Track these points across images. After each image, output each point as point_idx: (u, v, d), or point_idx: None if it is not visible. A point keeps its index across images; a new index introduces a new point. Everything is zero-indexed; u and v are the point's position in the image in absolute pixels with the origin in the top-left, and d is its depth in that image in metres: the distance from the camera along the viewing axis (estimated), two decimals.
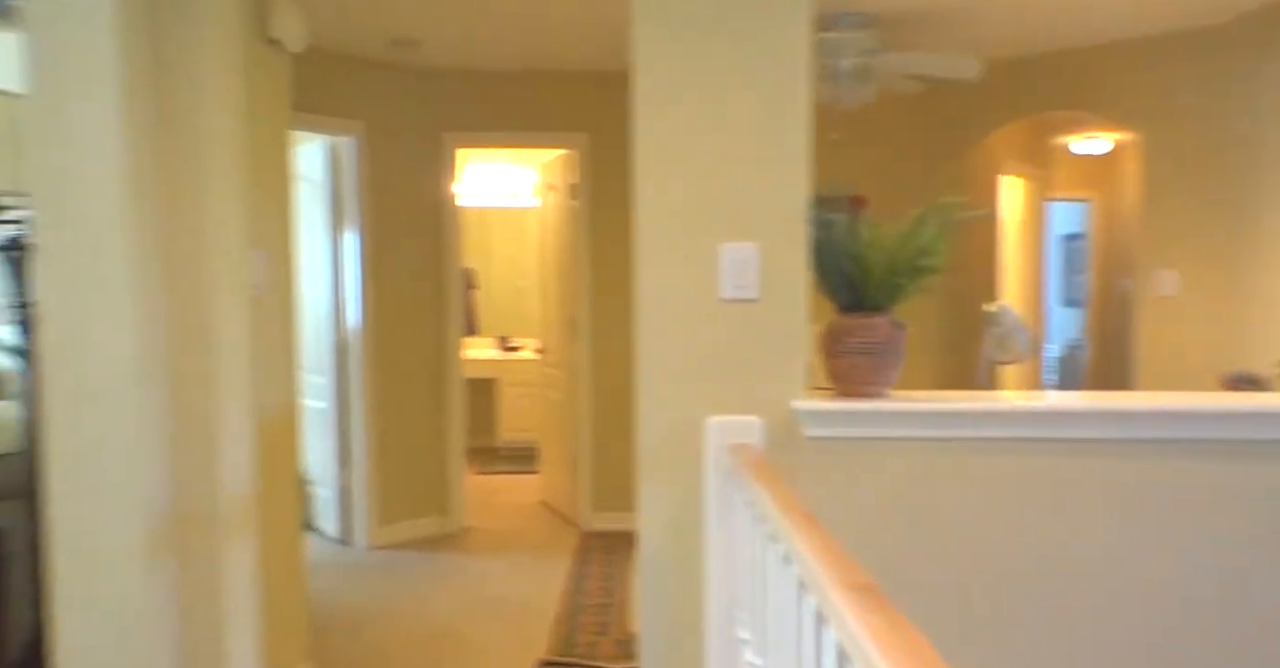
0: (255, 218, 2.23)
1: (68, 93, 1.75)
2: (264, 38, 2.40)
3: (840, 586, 0.86)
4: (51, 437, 1.80)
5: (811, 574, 0.96)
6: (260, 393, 2.22)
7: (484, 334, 5.87)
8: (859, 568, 0.91)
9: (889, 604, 0.79)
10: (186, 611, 1.95)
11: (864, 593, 0.83)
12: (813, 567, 0.95)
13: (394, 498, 3.88)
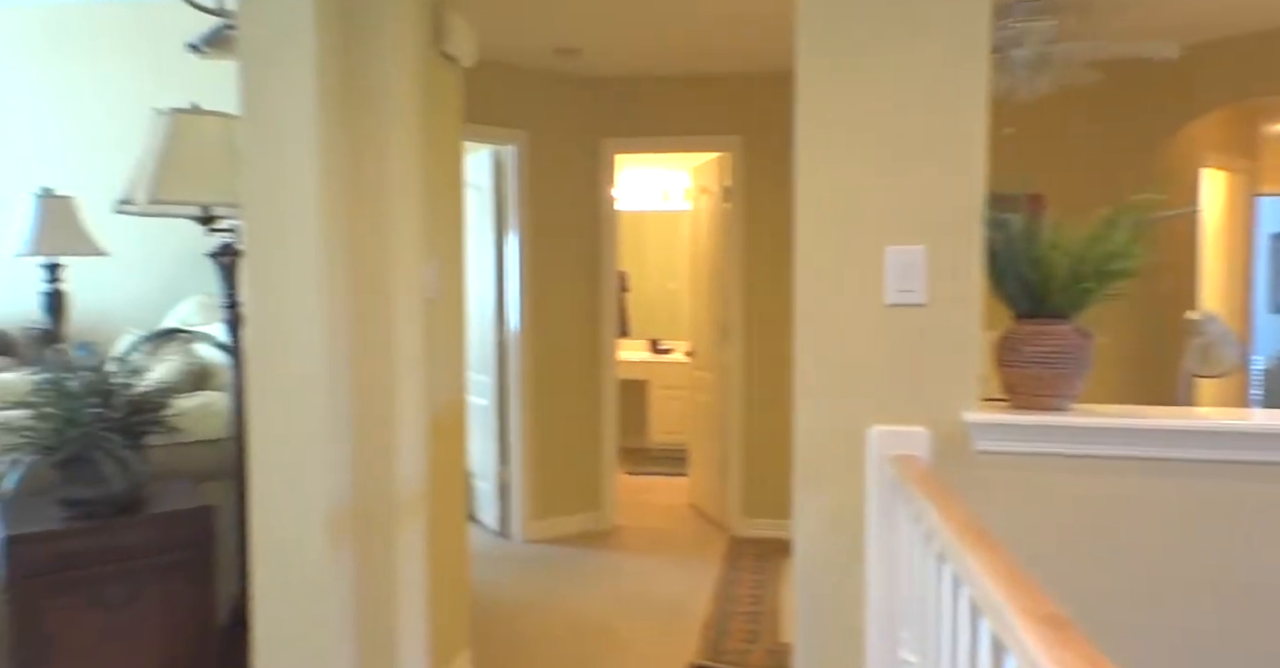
0: (431, 226, 2.36)
1: (275, 114, 1.92)
2: (440, 54, 2.53)
3: (1025, 615, 0.80)
4: (253, 425, 1.98)
5: (989, 600, 0.90)
6: (432, 391, 2.34)
7: (635, 336, 5.95)
8: (1044, 596, 0.85)
9: (1083, 640, 0.73)
10: (364, 592, 2.09)
11: (1054, 626, 0.77)
12: (991, 592, 0.89)
13: (549, 494, 4.00)
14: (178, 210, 2.43)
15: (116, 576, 2.10)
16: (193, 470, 2.51)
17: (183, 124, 2.40)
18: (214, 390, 2.82)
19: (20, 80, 4.58)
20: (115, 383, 2.16)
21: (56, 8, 4.50)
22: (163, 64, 4.35)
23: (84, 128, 4.52)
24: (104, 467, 2.06)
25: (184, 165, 2.35)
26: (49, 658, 2.01)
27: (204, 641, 2.21)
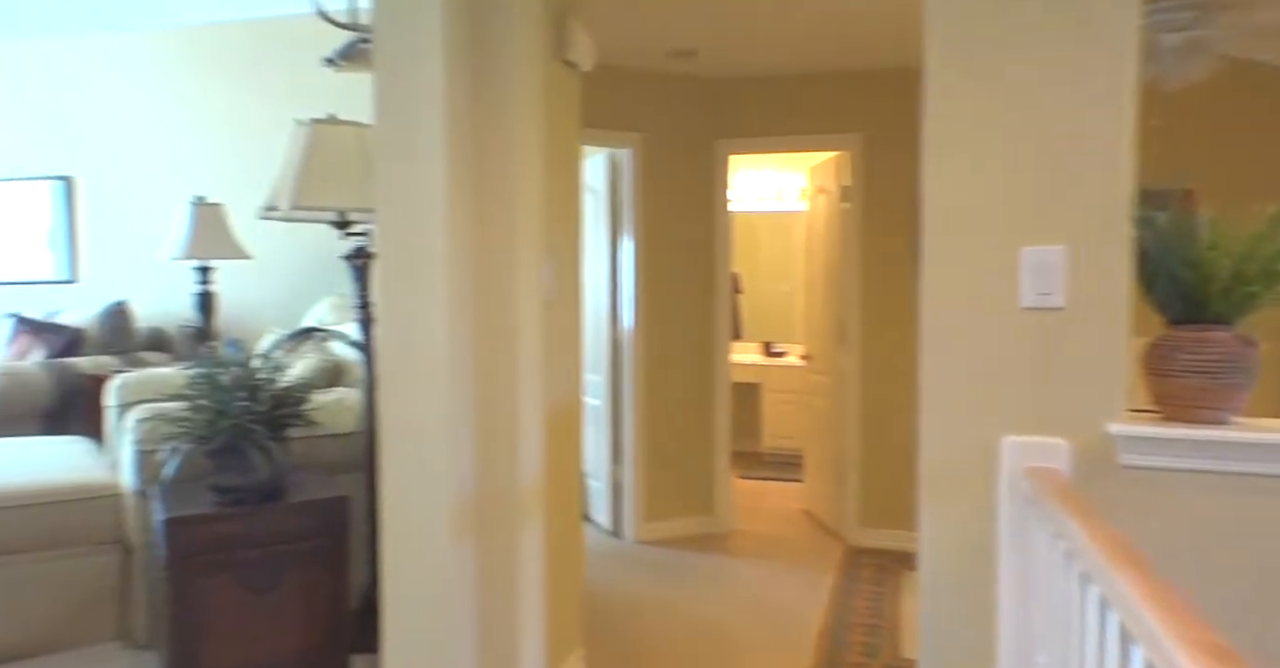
0: (550, 228, 2.40)
1: (406, 122, 2.00)
2: (562, 61, 2.58)
3: (1187, 645, 0.74)
4: (383, 420, 2.06)
5: (1143, 627, 0.84)
6: (550, 390, 2.39)
7: (748, 339, 5.90)
8: (1206, 625, 0.79)
9: None
10: (484, 585, 2.15)
11: (1220, 658, 0.71)
12: (1146, 618, 0.83)
13: (661, 495, 4.01)
14: (316, 216, 2.57)
15: (260, 559, 2.23)
16: (327, 462, 2.65)
17: (321, 134, 2.53)
18: (347, 387, 2.96)
19: (176, 97, 4.95)
20: (261, 378, 2.30)
21: (206, 28, 4.85)
22: (303, 78, 4.61)
23: (231, 139, 4.85)
24: (251, 456, 2.20)
25: (322, 173, 2.48)
26: (203, 633, 2.15)
27: (337, 624, 2.32)
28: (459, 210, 2.05)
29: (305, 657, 2.27)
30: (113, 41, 5.04)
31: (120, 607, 2.60)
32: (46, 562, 2.49)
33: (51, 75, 5.15)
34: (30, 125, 5.21)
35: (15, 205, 5.24)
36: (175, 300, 4.77)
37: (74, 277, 5.15)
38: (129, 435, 2.55)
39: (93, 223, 5.14)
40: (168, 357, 4.64)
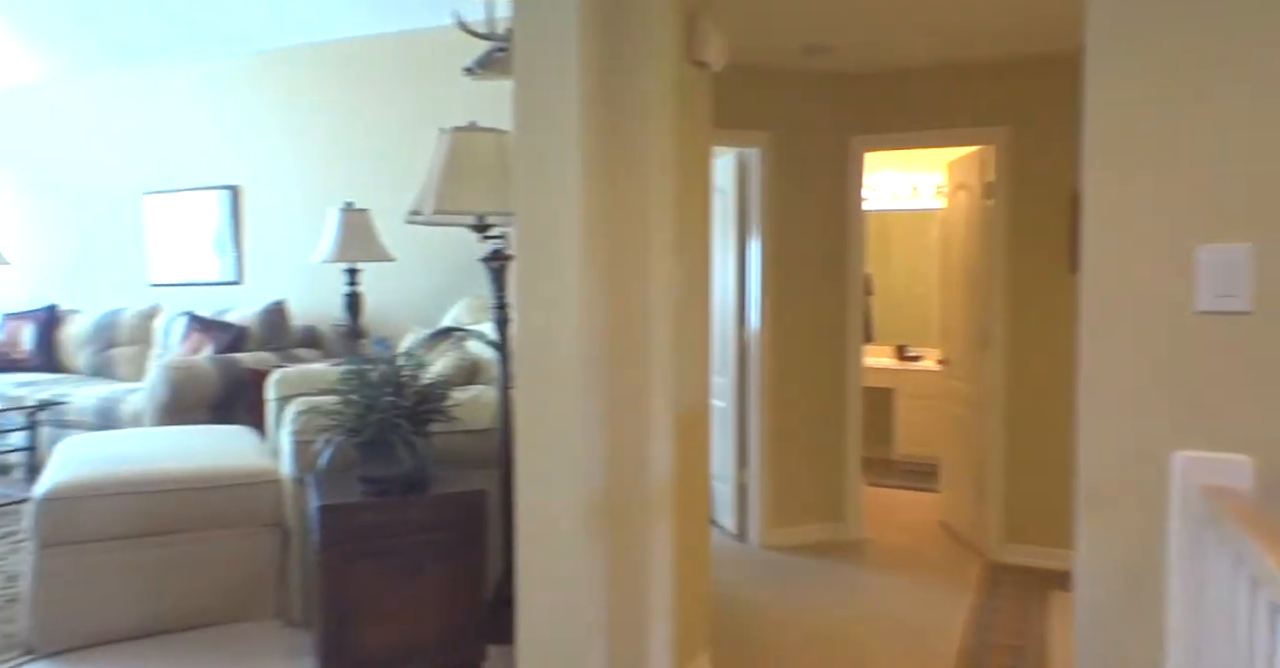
0: (681, 230, 2.40)
1: (543, 127, 2.05)
2: (692, 61, 2.58)
3: None
4: (518, 417, 2.11)
5: None
6: (680, 391, 2.38)
7: (879, 342, 5.72)
8: None
9: None
10: (615, 582, 2.16)
11: None
12: None
13: (788, 500, 3.94)
14: (457, 219, 2.67)
15: (403, 547, 2.33)
16: (464, 457, 2.74)
17: (462, 141, 2.63)
18: (483, 384, 3.07)
19: (328, 109, 5.26)
20: (406, 375, 2.41)
21: (355, 42, 5.13)
22: (445, 87, 4.81)
23: (377, 147, 5.11)
24: (397, 449, 2.30)
25: (463, 178, 2.57)
26: (352, 615, 2.27)
27: (474, 613, 2.40)
28: (593, 213, 2.08)
29: (445, 643, 2.36)
30: (271, 60, 5.41)
31: (279, 586, 2.78)
32: (217, 540, 2.70)
33: (218, 94, 5.58)
34: (201, 140, 5.66)
35: (189, 214, 5.71)
36: (326, 300, 5.08)
37: (239, 278, 5.57)
38: (287, 426, 2.73)
39: (254, 228, 5.54)
40: (319, 353, 4.95)
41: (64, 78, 6.12)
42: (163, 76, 5.75)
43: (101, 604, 2.56)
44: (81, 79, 6.05)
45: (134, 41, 5.64)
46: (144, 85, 5.83)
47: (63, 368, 5.49)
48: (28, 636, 2.52)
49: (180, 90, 5.71)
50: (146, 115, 5.83)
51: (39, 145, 6.29)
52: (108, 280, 6.04)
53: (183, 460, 2.77)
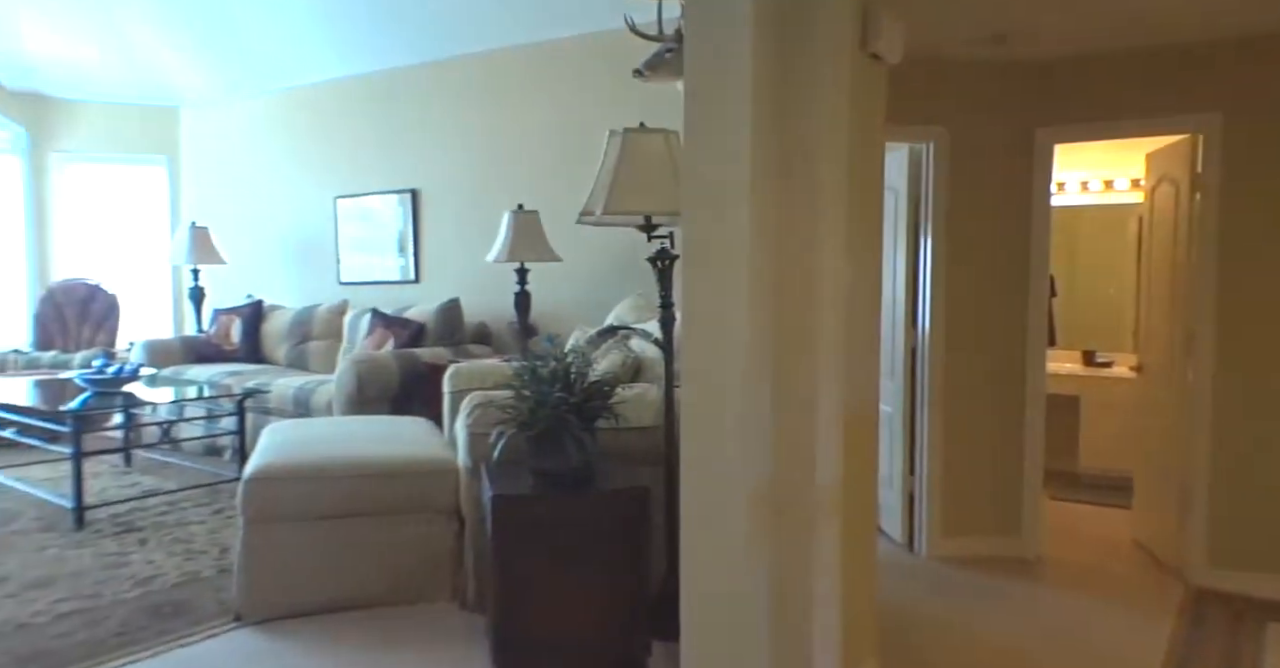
0: (853, 229, 2.33)
1: (714, 124, 2.04)
2: (867, 53, 2.49)
3: None
4: (684, 416, 2.12)
5: None
6: (849, 392, 2.31)
7: (1062, 346, 5.33)
8: None
9: None
10: (780, 585, 2.12)
11: None
12: None
13: (959, 511, 3.75)
14: (626, 220, 2.71)
15: (571, 539, 2.40)
16: (628, 454, 2.78)
17: (632, 142, 2.66)
18: (645, 383, 3.10)
19: (500, 113, 5.49)
20: (574, 372, 2.48)
21: (526, 47, 5.32)
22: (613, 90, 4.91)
23: (546, 150, 5.29)
24: (566, 444, 2.37)
25: (632, 179, 2.61)
26: (522, 602, 2.36)
27: (638, 609, 2.43)
28: (763, 212, 2.05)
29: (610, 635, 2.40)
30: (447, 68, 5.71)
31: (454, 571, 2.93)
32: (400, 525, 2.87)
33: (400, 102, 5.95)
34: (384, 145, 6.07)
35: (373, 216, 6.13)
36: (496, 299, 5.31)
37: (417, 278, 5.92)
38: (463, 419, 2.86)
39: (431, 230, 5.87)
40: (489, 349, 5.18)
41: (267, 93, 6.73)
42: (350, 88, 6.21)
43: (299, 578, 2.78)
44: (281, 94, 6.63)
45: (326, 57, 6.12)
46: (334, 97, 6.31)
47: (265, 359, 6.04)
48: (238, 603, 2.78)
49: (365, 100, 6.14)
50: (338, 125, 6.31)
51: (248, 155, 6.95)
52: (304, 278, 6.58)
53: (371, 449, 2.97)
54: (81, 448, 3.78)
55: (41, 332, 6.44)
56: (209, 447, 5.30)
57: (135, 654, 2.50)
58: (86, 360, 5.79)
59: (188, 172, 7.39)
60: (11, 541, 3.57)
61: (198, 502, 4.22)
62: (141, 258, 7.36)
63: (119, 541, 3.58)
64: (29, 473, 4.66)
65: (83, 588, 3.02)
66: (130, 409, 4.87)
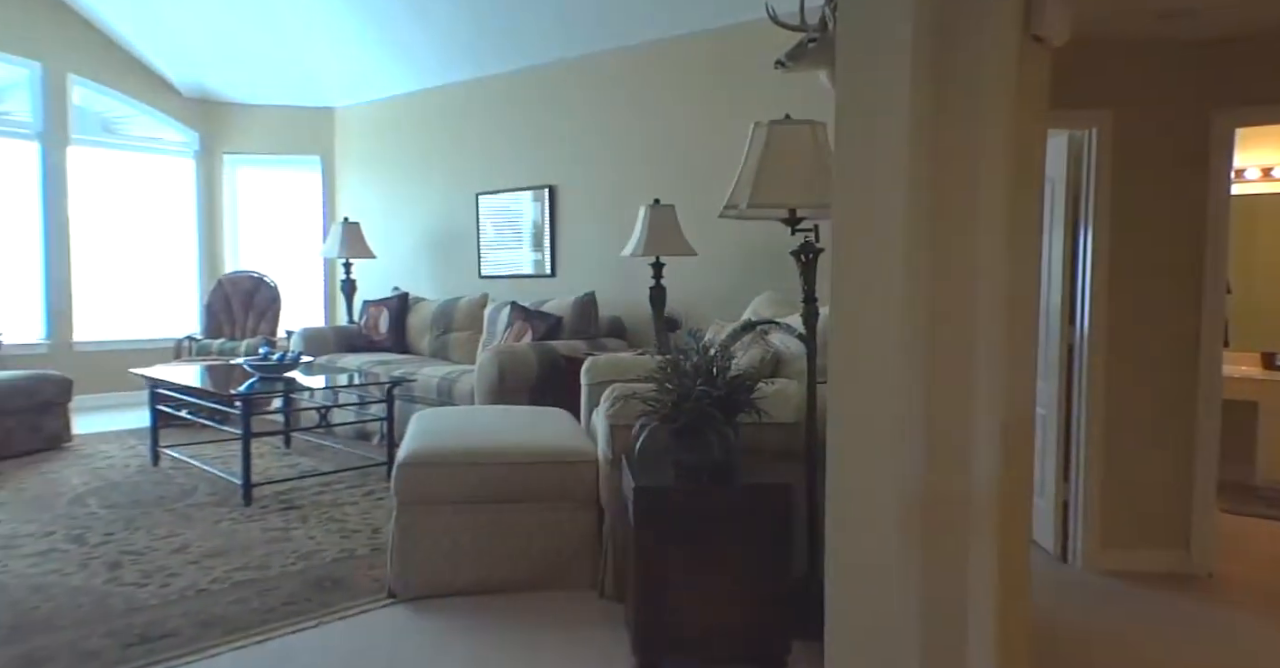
0: (1012, 223, 2.21)
1: (867, 115, 1.98)
2: (1030, 36, 2.36)
3: None
4: (831, 413, 2.07)
5: None
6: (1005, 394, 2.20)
7: (1235, 348, 4.90)
8: None
9: None
10: (930, 592, 2.05)
11: None
12: None
13: (1120, 521, 3.51)
14: (770, 213, 2.67)
15: (712, 533, 2.39)
16: (769, 450, 2.75)
17: (777, 134, 2.62)
18: (785, 378, 3.06)
19: (637, 109, 5.53)
20: (717, 366, 2.47)
21: (662, 42, 5.33)
22: (749, 82, 4.86)
23: (682, 144, 5.29)
24: (709, 438, 2.36)
25: (778, 172, 2.57)
26: (663, 593, 2.38)
27: (779, 606, 2.40)
28: (919, 203, 1.98)
29: (751, 631, 2.38)
30: (584, 64, 5.80)
31: (593, 560, 2.98)
32: (542, 512, 2.95)
33: (537, 98, 6.09)
34: (524, 142, 6.23)
35: (512, 212, 6.31)
36: (630, 293, 5.37)
37: (553, 272, 6.06)
38: (604, 411, 2.91)
39: (567, 225, 5.99)
40: (623, 343, 5.24)
41: (413, 92, 7.03)
42: (491, 87, 6.41)
43: (447, 560, 2.90)
44: (426, 93, 6.92)
45: (469, 57, 6.34)
46: (476, 96, 6.53)
47: (410, 349, 6.34)
48: (391, 580, 2.92)
49: (506, 99, 6.32)
50: (480, 123, 6.53)
51: (395, 153, 7.30)
52: (446, 272, 6.86)
53: (516, 438, 3.06)
54: (250, 430, 4.07)
55: (211, 320, 6.98)
56: (359, 431, 5.62)
57: (300, 624, 2.67)
58: (251, 348, 6.24)
59: (340, 169, 7.83)
60: (190, 513, 3.89)
61: (350, 483, 4.47)
62: (298, 252, 7.87)
63: (282, 517, 3.84)
64: (202, 451, 5.07)
65: (252, 559, 3.26)
66: (291, 394, 5.22)
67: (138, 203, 7.45)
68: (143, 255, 7.50)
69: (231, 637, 2.56)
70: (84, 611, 2.75)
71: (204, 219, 7.78)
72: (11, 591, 2.92)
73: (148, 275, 7.53)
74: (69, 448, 5.30)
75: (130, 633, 2.58)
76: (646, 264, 4.75)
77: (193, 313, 7.69)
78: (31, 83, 6.80)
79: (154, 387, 4.92)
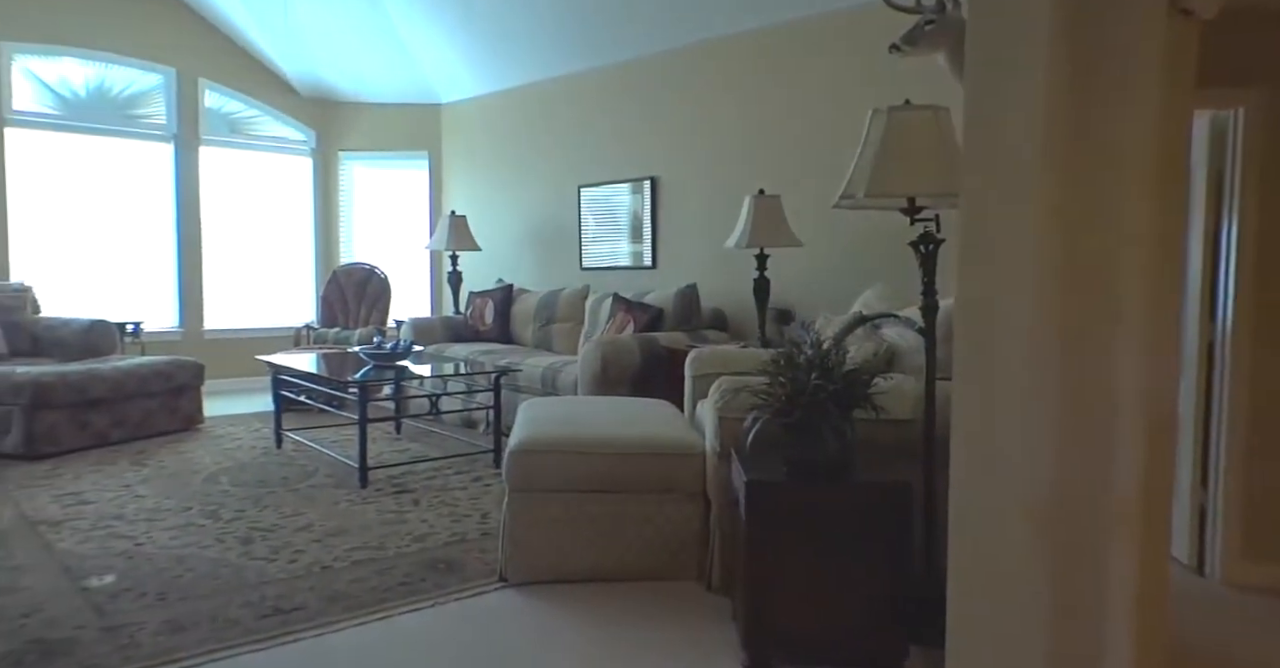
0: (1155, 208, 2.08)
1: (1000, 96, 1.89)
2: (1179, 10, 2.20)
3: None
4: (955, 412, 1.99)
5: None
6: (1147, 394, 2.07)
7: None
8: None
9: None
10: (1061, 608, 1.95)
11: None
12: None
13: (1266, 533, 3.27)
14: (888, 202, 2.59)
15: (825, 531, 2.34)
16: (883, 446, 2.68)
17: (897, 120, 2.54)
18: (899, 373, 2.97)
19: (739, 98, 5.47)
20: (832, 360, 2.41)
21: (765, 31, 5.24)
22: (860, 69, 4.74)
23: (787, 133, 5.20)
24: (823, 433, 2.31)
25: (898, 159, 2.49)
26: (773, 589, 2.34)
27: (894, 609, 2.33)
28: (1054, 189, 1.88)
29: (863, 633, 2.33)
30: (685, 54, 5.77)
31: (700, 553, 2.97)
32: (649, 504, 2.96)
33: (639, 90, 6.09)
34: (625, 134, 6.25)
35: (614, 204, 6.35)
36: (731, 284, 5.32)
37: (654, 263, 6.07)
38: (712, 403, 2.89)
39: (669, 216, 5.98)
40: (725, 335, 5.20)
41: (517, 87, 7.15)
42: (592, 79, 6.45)
43: (556, 546, 2.94)
44: (529, 87, 7.02)
45: (570, 50, 6.39)
46: (578, 88, 6.59)
47: (514, 339, 6.46)
48: (502, 565, 2.99)
49: (607, 91, 6.35)
50: (581, 115, 6.58)
51: (498, 146, 7.44)
52: (549, 264, 6.96)
53: (624, 429, 3.08)
54: (366, 415, 4.23)
55: (326, 310, 7.29)
56: (465, 419, 5.77)
57: (417, 604, 2.76)
58: (364, 337, 6.49)
59: (446, 163, 8.05)
60: (311, 493, 4.08)
61: (459, 469, 4.59)
62: (406, 244, 8.13)
63: (396, 500, 3.98)
64: (320, 435, 5.31)
65: (370, 539, 3.39)
66: (402, 382, 5.40)
67: (260, 199, 7.85)
68: (265, 248, 7.89)
69: (354, 613, 2.67)
70: (221, 581, 2.91)
71: (319, 213, 8.13)
72: (158, 561, 3.12)
73: (269, 267, 7.93)
74: (201, 429, 5.63)
75: (264, 604, 2.72)
76: (749, 256, 4.69)
77: (309, 303, 8.06)
78: (167, 88, 7.23)
79: (277, 373, 5.17)
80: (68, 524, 3.54)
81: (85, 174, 6.89)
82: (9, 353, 5.69)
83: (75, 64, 6.76)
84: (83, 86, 6.82)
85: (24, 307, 5.99)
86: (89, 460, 4.72)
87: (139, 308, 7.12)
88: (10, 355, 5.67)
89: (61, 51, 6.68)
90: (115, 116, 6.98)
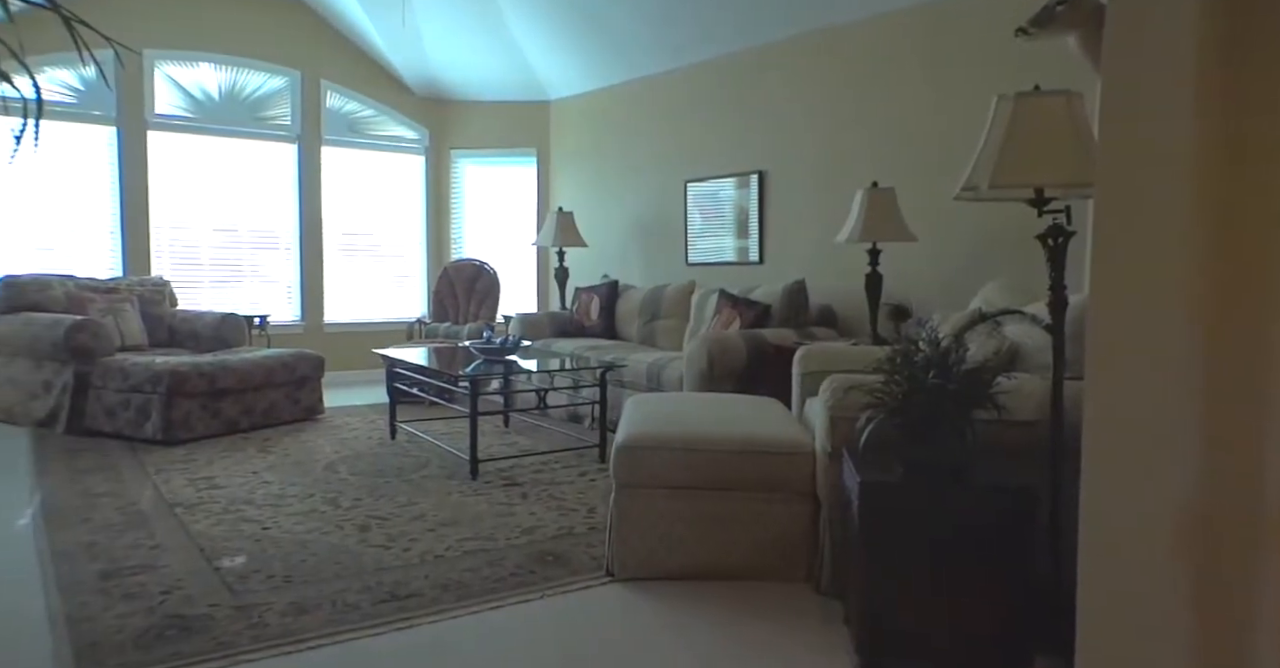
0: None
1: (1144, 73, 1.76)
2: None
3: None
4: (1088, 414, 1.87)
5: None
6: None
7: None
8: None
9: None
10: (1205, 631, 1.81)
11: None
12: None
13: None
14: (1014, 194, 2.47)
15: (945, 534, 2.25)
16: (1006, 448, 2.55)
17: (1024, 107, 2.41)
18: (1023, 372, 2.82)
19: (849, 89, 5.32)
20: (951, 358, 2.31)
21: (874, 19, 5.08)
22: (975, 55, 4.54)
23: (897, 124, 5.04)
24: (943, 434, 2.22)
25: (1026, 148, 2.36)
26: (889, 594, 2.27)
27: (1018, 618, 2.22)
28: (1204, 176, 1.73)
29: (985, 642, 2.23)
30: (792, 45, 5.65)
31: (809, 553, 2.91)
32: (757, 502, 2.92)
33: (746, 83, 6.02)
34: (733, 128, 6.18)
35: (720, 198, 6.30)
36: (839, 280, 5.20)
37: (760, 259, 5.99)
38: (823, 401, 2.82)
39: (776, 211, 5.89)
40: (833, 332, 5.09)
41: (623, 82, 7.18)
42: (698, 73, 6.41)
43: (662, 543, 2.93)
44: (635, 82, 7.04)
45: (676, 45, 6.37)
46: (683, 83, 6.56)
47: (619, 335, 6.51)
48: (609, 559, 3.00)
49: (713, 84, 6.30)
50: (688, 110, 6.55)
51: (604, 142, 7.50)
52: (654, 259, 6.98)
53: (732, 427, 3.04)
54: (477, 408, 4.33)
55: (437, 305, 7.52)
56: (571, 414, 5.84)
57: (527, 596, 2.80)
58: (474, 331, 6.66)
59: (553, 160, 8.17)
60: (424, 484, 4.21)
61: (565, 464, 4.66)
62: (513, 240, 8.31)
63: (505, 492, 4.07)
64: (431, 427, 5.48)
65: (481, 530, 3.47)
66: (510, 376, 5.52)
67: (376, 197, 8.17)
68: (380, 244, 8.21)
69: (467, 602, 2.74)
70: (341, 566, 3.04)
71: (431, 211, 8.39)
72: (283, 544, 3.28)
73: (384, 262, 8.24)
74: (321, 420, 5.90)
75: (381, 590, 2.82)
76: (858, 251, 4.57)
77: (420, 297, 8.34)
78: (292, 90, 7.61)
79: (391, 366, 5.36)
80: (201, 507, 3.77)
81: (216, 173, 7.33)
82: (148, 344, 6.11)
83: (209, 69, 7.20)
84: (216, 90, 7.26)
85: (163, 300, 6.42)
86: (220, 447, 5.02)
87: (264, 301, 7.53)
88: (149, 346, 6.09)
89: (199, 57, 7.12)
90: (245, 119, 7.40)
